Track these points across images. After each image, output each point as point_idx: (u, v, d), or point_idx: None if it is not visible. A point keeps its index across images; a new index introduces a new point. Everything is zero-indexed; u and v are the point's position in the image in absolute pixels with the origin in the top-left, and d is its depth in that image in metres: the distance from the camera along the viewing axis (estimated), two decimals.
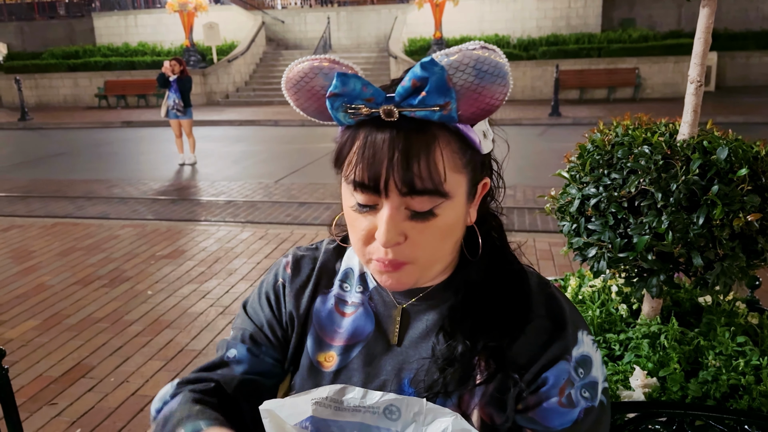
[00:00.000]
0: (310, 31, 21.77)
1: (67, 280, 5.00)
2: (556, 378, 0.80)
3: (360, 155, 0.75)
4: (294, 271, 0.98)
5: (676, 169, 1.40)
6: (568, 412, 0.79)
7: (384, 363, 0.87)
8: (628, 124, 1.65)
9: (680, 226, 1.37)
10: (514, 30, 19.85)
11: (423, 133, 0.74)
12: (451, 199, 0.77)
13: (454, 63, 0.72)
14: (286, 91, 0.81)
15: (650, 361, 1.48)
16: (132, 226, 6.58)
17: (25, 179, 9.67)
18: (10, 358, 3.71)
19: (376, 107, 0.74)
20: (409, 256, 0.78)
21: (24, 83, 17.58)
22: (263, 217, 6.97)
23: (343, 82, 0.74)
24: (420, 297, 0.88)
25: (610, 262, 1.48)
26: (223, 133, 13.94)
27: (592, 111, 14.94)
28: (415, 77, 0.71)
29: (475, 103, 0.74)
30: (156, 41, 21.83)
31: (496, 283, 0.86)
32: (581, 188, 1.56)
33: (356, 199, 0.78)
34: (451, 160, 0.76)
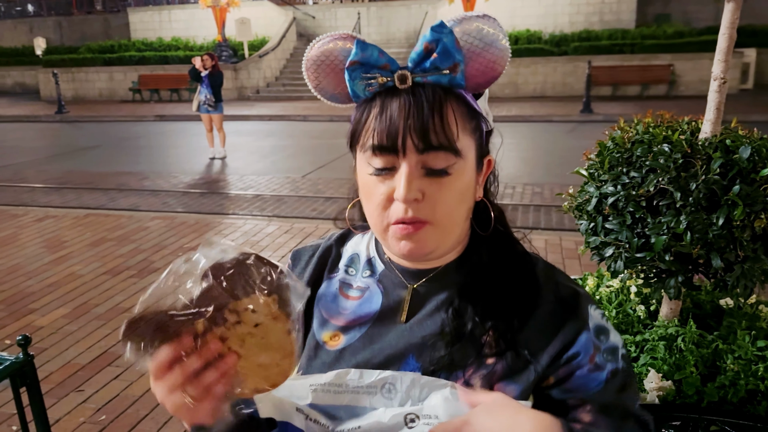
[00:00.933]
0: (341, 26, 21.81)
1: (97, 270, 5.11)
2: (586, 348, 0.83)
3: (377, 121, 0.79)
4: (293, 264, 1.02)
5: (696, 168, 1.36)
6: (598, 375, 0.82)
7: (390, 340, 0.88)
8: (649, 122, 1.61)
9: (699, 226, 1.34)
10: (546, 25, 19.59)
11: (435, 95, 0.78)
12: (463, 159, 0.81)
13: (461, 28, 0.79)
14: (306, 70, 0.85)
15: (666, 364, 1.46)
16: (161, 218, 6.68)
17: (61, 171, 9.90)
18: (40, 345, 3.81)
19: (391, 75, 0.79)
20: (428, 215, 0.80)
21: (61, 77, 17.97)
22: (289, 211, 7.02)
23: (362, 48, 0.79)
24: (430, 277, 0.90)
25: (627, 262, 1.46)
26: (253, 128, 14.07)
27: (625, 108, 14.67)
28: (426, 40, 0.77)
29: (480, 68, 0.80)
30: (189, 36, 22.11)
31: (503, 264, 0.88)
32: (599, 186, 1.54)
33: (373, 165, 0.81)
34: (462, 122, 0.81)
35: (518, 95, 18.02)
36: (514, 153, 10.70)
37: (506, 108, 15.64)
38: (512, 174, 8.62)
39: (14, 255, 5.51)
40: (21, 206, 7.48)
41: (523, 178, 8.40)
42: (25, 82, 24.04)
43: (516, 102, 16.81)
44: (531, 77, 18.05)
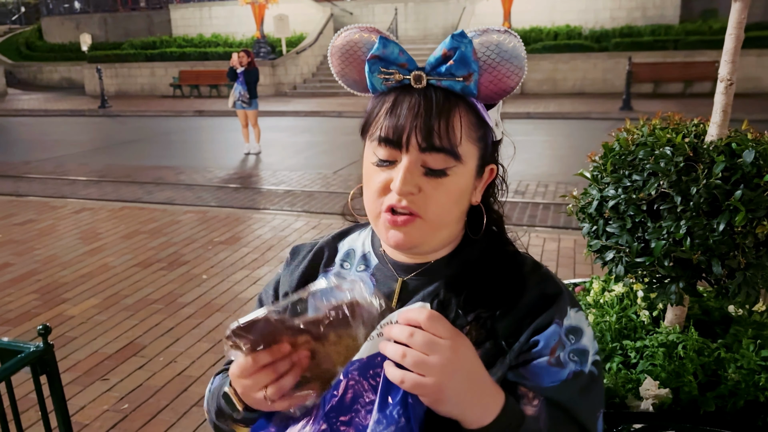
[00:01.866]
0: (378, 22, 21.80)
1: (128, 261, 5.24)
2: (547, 339, 0.84)
3: (387, 114, 0.83)
4: (291, 258, 1.08)
5: (698, 172, 1.33)
6: (557, 371, 0.83)
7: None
8: (655, 124, 1.58)
9: (699, 231, 1.31)
10: (587, 20, 19.22)
11: (446, 100, 0.82)
12: (463, 164, 0.84)
13: (482, 40, 0.83)
14: (331, 56, 0.90)
15: (664, 371, 1.43)
16: (193, 212, 6.81)
17: (101, 164, 10.18)
18: (70, 334, 3.93)
19: (408, 73, 0.83)
20: (421, 208, 0.84)
21: (105, 72, 18.45)
22: (318, 207, 7.08)
23: (384, 44, 0.83)
24: (420, 272, 0.94)
25: (627, 266, 1.43)
26: (289, 124, 14.21)
27: (666, 106, 14.33)
28: (445, 47, 0.81)
29: (493, 80, 0.83)
30: (228, 32, 22.42)
31: (491, 262, 0.92)
32: (602, 189, 1.51)
33: (378, 156, 0.85)
34: (467, 129, 0.84)
35: (556, 91, 17.75)
36: (549, 151, 10.57)
37: (544, 104, 15.44)
38: (546, 172, 8.51)
39: (51, 245, 5.70)
40: (61, 198, 7.73)
41: (557, 176, 8.29)
42: (71, 78, 24.74)
43: (554, 98, 16.58)
44: (570, 73, 17.76)
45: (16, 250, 5.61)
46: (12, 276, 4.97)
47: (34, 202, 7.41)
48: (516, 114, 14.43)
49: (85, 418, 3.06)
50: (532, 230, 5.82)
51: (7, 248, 5.66)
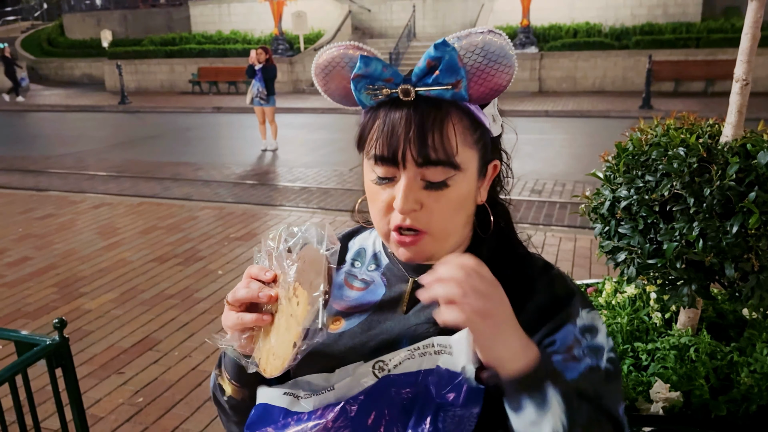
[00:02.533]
0: (396, 19, 21.78)
1: (146, 256, 5.30)
2: (564, 338, 0.83)
3: (380, 131, 0.82)
4: None
5: (712, 174, 1.31)
6: (574, 365, 0.82)
7: (387, 327, 0.92)
8: (669, 124, 1.56)
9: (712, 233, 1.29)
10: (607, 18, 19.03)
11: (437, 110, 0.81)
12: (463, 172, 0.83)
13: (465, 45, 0.80)
14: (315, 77, 0.89)
15: (675, 374, 1.41)
16: (211, 208, 6.87)
17: (120, 159, 10.29)
18: (87, 328, 3.99)
19: (395, 87, 0.81)
20: (425, 224, 0.84)
21: (125, 68, 18.62)
22: (334, 204, 7.09)
23: (366, 63, 0.81)
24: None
25: (639, 268, 1.42)
26: (306, 121, 14.25)
27: (687, 105, 14.15)
28: (429, 57, 0.79)
29: (483, 83, 0.81)
30: (247, 29, 22.53)
31: (502, 262, 0.90)
32: (614, 189, 1.50)
33: (376, 173, 0.85)
34: (462, 135, 0.82)
35: (576, 89, 17.61)
36: (567, 149, 10.49)
37: (563, 102, 15.33)
38: (564, 171, 8.46)
39: (70, 240, 5.77)
40: (80, 193, 7.83)
41: (575, 175, 8.22)
42: (92, 73, 25.01)
43: (573, 96, 16.45)
44: (590, 71, 17.60)
45: (35, 244, 5.69)
46: (32, 269, 5.04)
47: (54, 197, 7.52)
48: (534, 112, 14.34)
49: (101, 411, 3.10)
50: (548, 229, 5.79)
51: (27, 242, 5.75)
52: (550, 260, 3.71)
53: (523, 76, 17.85)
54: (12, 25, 33.59)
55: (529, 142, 10.80)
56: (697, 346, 1.48)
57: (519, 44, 18.08)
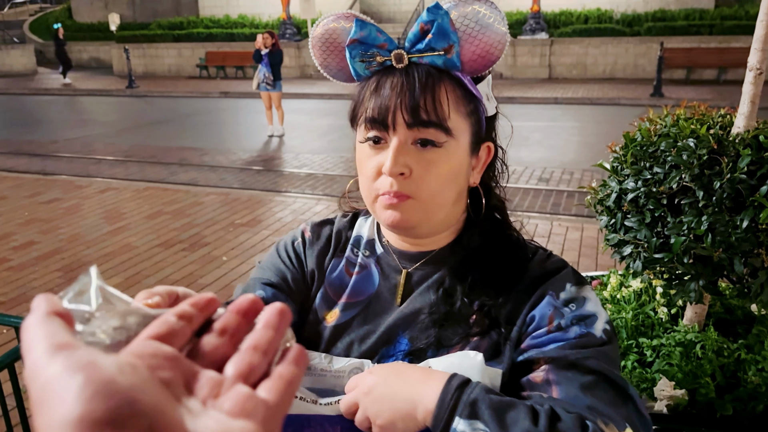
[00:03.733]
0: (405, 3, 21.60)
1: (151, 242, 5.30)
2: (542, 312, 0.82)
3: (372, 95, 0.82)
4: (314, 236, 1.05)
5: (722, 166, 1.27)
6: (561, 335, 0.80)
7: (383, 321, 0.91)
8: (679, 114, 1.52)
9: (722, 228, 1.25)
10: (618, 4, 18.80)
11: (429, 75, 0.81)
12: (455, 140, 0.83)
13: (458, 10, 0.80)
14: (313, 48, 0.89)
15: (681, 372, 1.38)
16: (216, 193, 6.85)
17: (127, 144, 10.28)
18: None
19: (388, 54, 0.82)
20: (413, 190, 0.83)
21: (132, 53, 18.60)
22: (340, 191, 6.98)
23: (361, 26, 0.82)
24: (424, 262, 0.93)
25: (645, 262, 1.38)
26: (313, 107, 14.19)
27: (700, 93, 13.99)
28: (422, 21, 0.80)
29: (476, 51, 0.81)
30: (255, 14, 22.40)
31: (494, 248, 0.90)
32: (621, 181, 1.46)
33: (367, 135, 0.85)
34: (455, 102, 0.82)
35: (586, 76, 17.45)
36: (576, 137, 10.41)
37: (572, 89, 15.20)
38: (573, 159, 8.39)
39: (76, 224, 5.78)
40: (87, 177, 7.83)
41: (583, 163, 8.15)
42: (99, 57, 24.99)
43: (583, 83, 16.31)
44: (600, 58, 17.43)
45: (41, 228, 5.70)
46: (37, 254, 5.05)
47: (60, 181, 7.52)
48: (544, 99, 14.22)
49: None
50: (555, 218, 5.74)
51: (33, 226, 5.76)
52: (556, 250, 3.71)
53: (533, 62, 17.69)
54: (20, 8, 33.56)
55: (537, 130, 10.71)
56: (704, 343, 1.44)
57: (529, 30, 17.89)
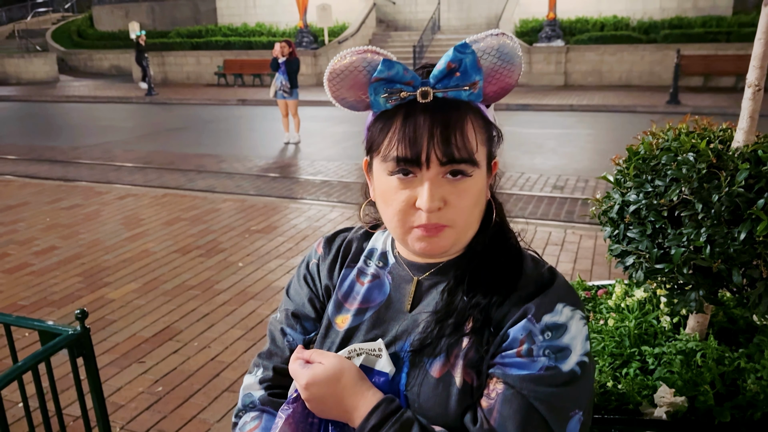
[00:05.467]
0: (420, 12, 21.70)
1: (168, 248, 5.39)
2: (516, 333, 0.85)
3: (401, 134, 0.84)
4: (325, 250, 1.10)
5: (721, 180, 1.31)
6: (526, 363, 0.83)
7: (392, 326, 0.96)
8: (681, 128, 1.55)
9: (720, 240, 1.29)
10: (635, 11, 18.73)
11: (456, 110, 0.84)
12: (480, 168, 0.88)
13: (482, 47, 0.85)
14: (329, 82, 0.91)
15: (681, 379, 1.41)
16: (233, 200, 6.95)
17: (146, 151, 10.44)
18: (110, 317, 4.08)
19: (413, 90, 0.84)
20: (450, 220, 0.87)
21: (152, 60, 18.88)
22: (354, 198, 7.12)
23: (389, 66, 0.84)
24: (433, 272, 0.97)
25: (647, 272, 1.42)
26: (329, 114, 14.28)
27: (716, 100, 13.91)
28: (450, 60, 0.83)
29: (497, 83, 0.86)
30: (273, 22, 22.63)
31: (494, 250, 0.95)
32: (624, 193, 1.50)
33: (397, 168, 0.87)
34: (479, 134, 0.87)
35: (602, 83, 17.41)
36: (591, 145, 10.39)
37: (588, 97, 15.17)
38: (587, 167, 8.38)
39: (96, 230, 5.90)
40: (106, 183, 7.98)
41: (598, 171, 8.01)
42: (120, 65, 25.35)
43: (599, 91, 16.27)
44: (616, 65, 17.39)
45: (62, 233, 5.83)
46: (58, 259, 5.17)
47: (81, 187, 7.67)
48: (559, 106, 14.21)
49: (121, 399, 3.18)
50: (569, 226, 5.75)
51: (54, 231, 5.89)
52: (569, 258, 3.76)
53: (549, 69, 17.68)
54: (43, 17, 34.17)
55: (552, 137, 10.71)
56: (704, 352, 1.48)
57: (545, 37, 17.89)
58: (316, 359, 0.92)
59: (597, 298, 1.92)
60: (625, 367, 1.54)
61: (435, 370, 0.88)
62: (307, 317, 1.07)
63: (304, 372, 0.90)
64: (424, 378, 0.89)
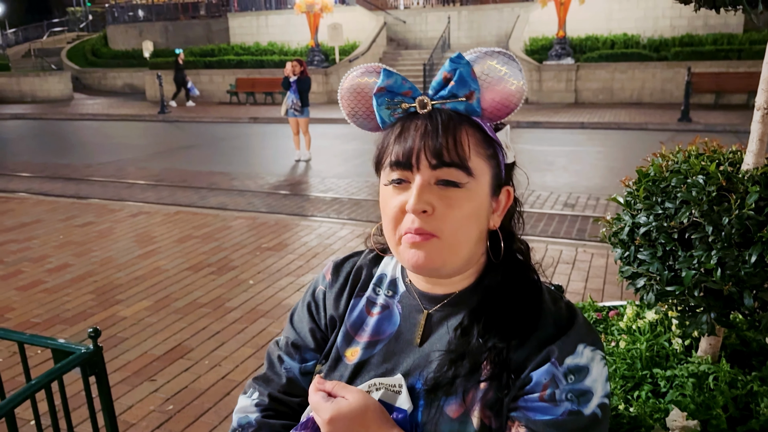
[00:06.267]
0: (430, 30, 21.87)
1: (180, 265, 5.42)
2: (539, 377, 0.84)
3: (396, 140, 0.87)
4: (333, 277, 1.09)
5: (731, 203, 1.31)
6: (549, 408, 0.83)
7: (402, 360, 0.95)
8: (691, 150, 1.56)
9: (731, 263, 1.29)
10: (645, 29, 18.79)
11: (450, 119, 0.85)
12: (476, 180, 0.86)
13: (477, 59, 0.85)
14: (342, 99, 0.95)
15: (693, 403, 1.40)
16: (244, 218, 6.99)
17: (158, 168, 10.54)
18: (122, 335, 4.10)
19: (412, 101, 0.87)
20: (435, 228, 0.85)
21: (165, 79, 19.09)
22: (365, 215, 7.15)
23: (388, 75, 0.87)
24: (444, 303, 0.95)
25: (658, 294, 1.42)
26: (339, 131, 14.37)
27: (728, 118, 13.87)
28: (445, 70, 0.85)
29: (495, 98, 0.86)
30: (284, 41, 22.88)
31: (512, 289, 0.92)
32: (634, 215, 1.50)
33: (391, 178, 0.88)
34: (475, 145, 0.86)
35: (613, 101, 17.42)
36: (603, 162, 10.37)
37: (599, 114, 15.17)
38: (599, 184, 8.36)
39: (108, 248, 5.94)
40: (119, 201, 8.05)
41: (609, 189, 8.11)
42: (133, 83, 25.69)
43: (610, 108, 16.27)
44: (627, 83, 17.40)
45: (75, 251, 5.88)
46: (71, 276, 5.21)
47: (94, 205, 7.75)
48: (569, 124, 14.22)
49: (132, 418, 3.19)
50: (580, 245, 5.73)
51: (67, 249, 5.94)
52: (581, 277, 3.76)
53: (559, 87, 17.72)
54: (59, 36, 34.75)
55: (563, 155, 10.71)
56: (717, 375, 1.47)
57: (554, 55, 17.95)
58: (339, 393, 0.90)
59: (608, 320, 1.91)
60: (636, 390, 1.53)
61: (451, 410, 0.87)
62: (306, 348, 1.06)
63: (328, 406, 0.88)
64: (440, 417, 0.88)
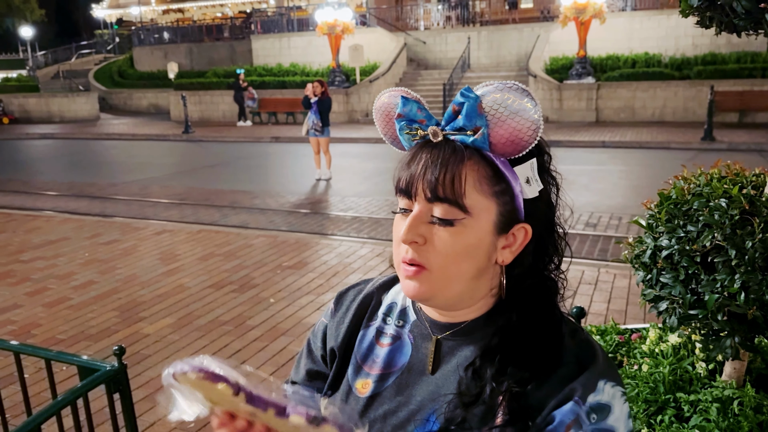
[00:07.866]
0: (450, 50, 22.00)
1: (203, 283, 5.48)
2: (562, 416, 0.81)
3: (405, 166, 0.88)
4: (336, 308, 1.09)
5: (754, 226, 1.31)
6: None
7: (415, 392, 0.93)
8: (713, 173, 1.56)
9: (755, 287, 1.28)
10: (667, 48, 18.70)
11: (456, 152, 0.84)
12: (474, 218, 0.84)
13: (487, 93, 0.83)
14: (376, 120, 0.97)
15: (718, 428, 1.38)
16: (265, 236, 7.04)
17: (182, 187, 10.69)
18: (145, 352, 4.15)
19: (426, 129, 0.87)
20: (424, 260, 0.85)
21: (189, 99, 19.45)
22: (384, 234, 7.17)
23: (404, 103, 0.88)
24: (454, 331, 0.93)
25: (680, 318, 1.41)
26: (360, 150, 14.48)
27: (753, 137, 13.70)
28: (455, 103, 0.85)
29: (504, 134, 0.83)
30: (306, 62, 23.17)
31: (530, 330, 0.88)
32: (656, 238, 1.50)
33: (399, 205, 0.89)
34: (476, 182, 0.84)
35: (635, 120, 17.31)
36: (625, 181, 10.30)
37: (621, 133, 15.10)
38: (621, 204, 8.30)
39: (133, 265, 6.03)
40: (143, 219, 8.17)
41: (632, 208, 8.03)
42: (158, 104, 26.18)
43: (632, 127, 16.18)
44: (649, 101, 17.30)
45: (100, 268, 5.97)
46: (96, 293, 5.29)
47: (118, 223, 7.87)
48: (591, 142, 14.15)
49: None
50: (602, 265, 5.68)
51: (92, 266, 6.04)
52: (603, 298, 3.75)
53: (580, 106, 17.68)
54: (86, 58, 35.62)
55: (584, 173, 10.65)
56: (741, 399, 1.45)
57: (575, 74, 17.94)
58: None
59: (631, 343, 1.90)
60: (659, 414, 1.51)
61: None
62: (319, 374, 1.07)
63: None
64: None
